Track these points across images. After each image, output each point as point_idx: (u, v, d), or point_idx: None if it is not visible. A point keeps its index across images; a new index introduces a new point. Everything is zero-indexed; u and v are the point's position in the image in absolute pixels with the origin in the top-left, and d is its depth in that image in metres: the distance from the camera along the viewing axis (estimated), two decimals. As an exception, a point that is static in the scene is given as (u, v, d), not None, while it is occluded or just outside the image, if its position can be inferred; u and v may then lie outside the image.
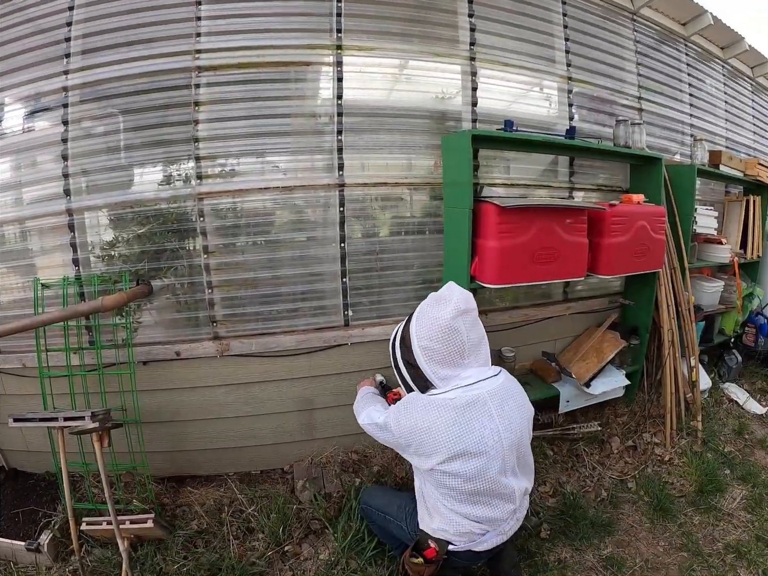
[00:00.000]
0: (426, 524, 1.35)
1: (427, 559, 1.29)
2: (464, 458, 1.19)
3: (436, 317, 1.27)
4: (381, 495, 1.68)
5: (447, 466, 1.20)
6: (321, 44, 1.95)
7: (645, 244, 2.14)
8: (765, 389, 3.02)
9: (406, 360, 1.32)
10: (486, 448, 1.20)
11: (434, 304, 1.32)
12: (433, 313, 1.29)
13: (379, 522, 1.60)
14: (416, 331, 1.30)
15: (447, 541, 1.29)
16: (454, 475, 1.20)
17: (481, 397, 1.24)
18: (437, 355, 1.26)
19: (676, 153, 2.92)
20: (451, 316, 1.25)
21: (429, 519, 1.34)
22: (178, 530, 1.76)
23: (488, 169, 2.19)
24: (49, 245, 1.94)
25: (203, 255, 1.93)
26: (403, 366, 1.34)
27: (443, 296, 1.32)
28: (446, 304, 1.28)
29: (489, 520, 1.26)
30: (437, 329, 1.25)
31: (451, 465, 1.19)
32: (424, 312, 1.32)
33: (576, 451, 2.26)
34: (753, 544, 1.77)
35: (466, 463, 1.19)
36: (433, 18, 2.07)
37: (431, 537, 1.31)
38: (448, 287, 1.36)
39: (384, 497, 1.64)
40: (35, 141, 1.90)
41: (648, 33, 2.78)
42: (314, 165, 1.98)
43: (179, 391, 2.00)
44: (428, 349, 1.27)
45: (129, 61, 1.85)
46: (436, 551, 1.28)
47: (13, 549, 1.68)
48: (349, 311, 2.08)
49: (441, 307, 1.29)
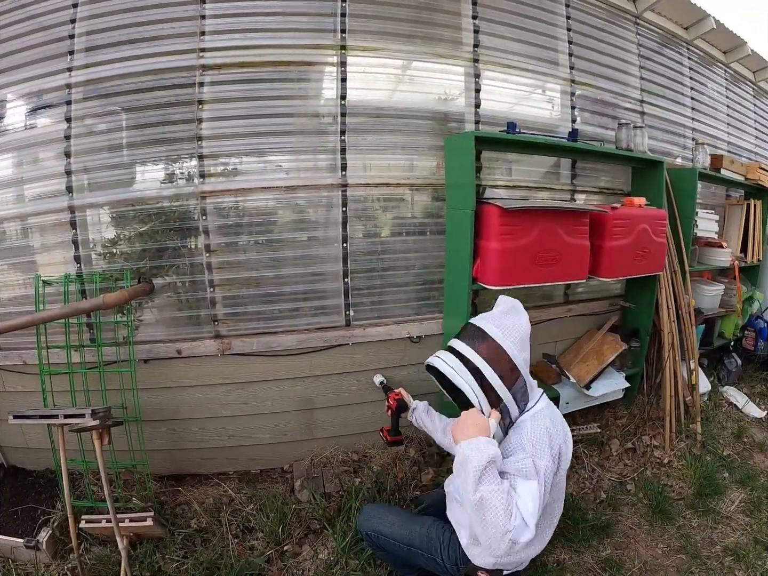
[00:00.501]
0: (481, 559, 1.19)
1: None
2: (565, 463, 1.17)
3: (520, 324, 1.21)
4: (393, 521, 1.42)
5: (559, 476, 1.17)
6: (325, 44, 1.95)
7: (646, 247, 2.15)
8: (764, 393, 3.02)
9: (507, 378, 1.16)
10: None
11: (511, 316, 1.24)
12: (517, 321, 1.22)
13: (395, 551, 1.39)
14: (513, 344, 1.17)
15: (500, 570, 1.19)
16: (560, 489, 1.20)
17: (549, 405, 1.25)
18: (527, 364, 1.21)
19: (678, 156, 2.93)
20: (529, 323, 1.23)
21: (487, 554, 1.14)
22: (178, 529, 1.76)
23: (491, 171, 2.19)
24: (50, 242, 1.94)
25: (205, 253, 1.93)
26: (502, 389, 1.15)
27: (512, 306, 1.27)
28: (521, 312, 1.25)
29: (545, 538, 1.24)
30: (525, 337, 1.20)
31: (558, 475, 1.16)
32: (509, 324, 1.20)
33: (575, 452, 2.25)
34: (751, 547, 1.77)
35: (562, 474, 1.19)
36: (437, 19, 2.07)
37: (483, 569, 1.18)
38: (506, 300, 1.29)
39: (398, 523, 1.40)
40: (38, 138, 1.90)
41: (651, 36, 2.79)
42: (317, 165, 1.98)
43: (180, 389, 2.00)
44: (526, 361, 1.20)
45: (133, 58, 1.85)
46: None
47: (12, 546, 1.67)
48: (351, 311, 2.08)
49: (519, 315, 1.24)
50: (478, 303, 2.25)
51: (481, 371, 1.15)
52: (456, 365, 1.19)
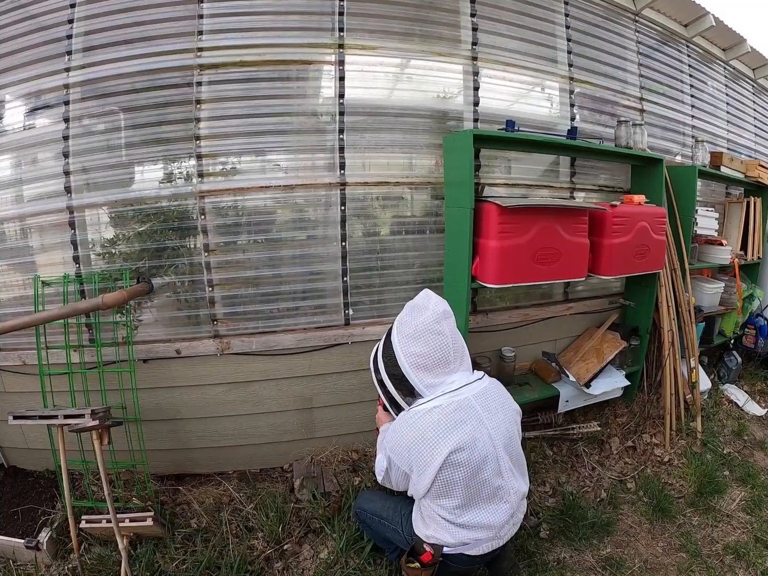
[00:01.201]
0: (420, 531, 1.34)
1: (423, 563, 1.28)
2: (459, 455, 1.18)
3: (418, 322, 1.27)
4: (376, 499, 1.63)
5: (443, 473, 1.19)
6: (323, 43, 1.95)
7: (646, 245, 2.14)
8: (764, 391, 3.02)
9: (391, 373, 1.32)
10: (478, 449, 1.20)
11: (413, 311, 1.33)
12: (414, 318, 1.29)
13: (374, 526, 1.57)
14: (399, 339, 1.30)
15: (441, 545, 1.28)
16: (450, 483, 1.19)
17: (467, 400, 1.24)
18: (423, 360, 1.26)
19: (678, 154, 2.92)
20: (433, 319, 1.26)
21: (423, 526, 1.33)
22: (178, 528, 1.76)
23: (490, 169, 2.19)
24: (49, 242, 1.93)
25: (204, 253, 1.92)
26: (388, 380, 1.33)
27: (420, 303, 1.34)
28: (425, 309, 1.29)
29: (486, 525, 1.26)
30: (421, 332, 1.26)
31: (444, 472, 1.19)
32: (405, 320, 1.33)
33: (576, 451, 2.26)
34: (752, 546, 1.77)
35: (460, 465, 1.19)
36: (436, 17, 2.07)
37: (425, 542, 1.30)
38: (423, 294, 1.38)
39: (378, 501, 1.60)
40: (36, 138, 1.90)
41: (650, 34, 2.78)
42: (315, 164, 1.98)
43: (179, 389, 2.00)
44: (414, 355, 1.26)
45: (131, 58, 1.85)
46: (431, 555, 1.27)
47: (12, 547, 1.67)
48: (350, 310, 2.08)
49: (421, 311, 1.30)
50: (478, 301, 2.25)
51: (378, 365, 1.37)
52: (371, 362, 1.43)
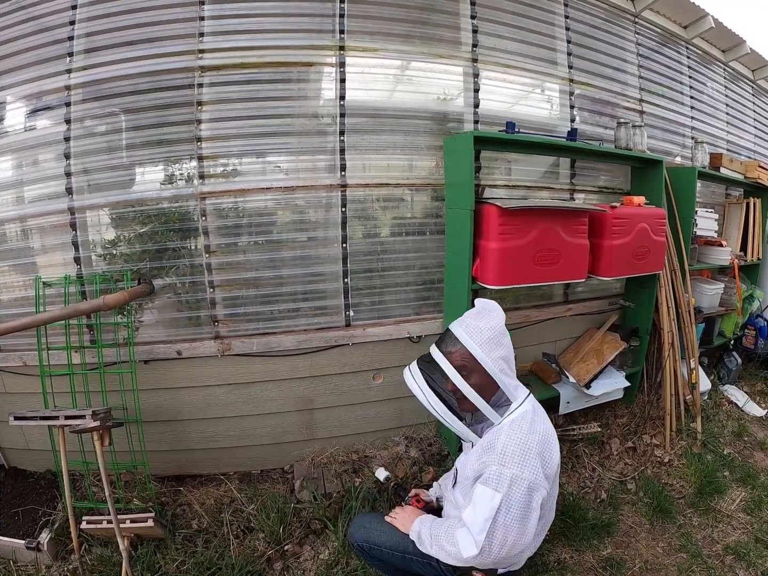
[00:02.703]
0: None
1: None
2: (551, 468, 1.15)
3: (493, 325, 1.18)
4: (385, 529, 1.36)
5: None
6: (324, 45, 1.95)
7: (646, 246, 2.15)
8: (764, 391, 3.02)
9: (477, 385, 1.16)
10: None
11: (481, 317, 1.21)
12: (488, 323, 1.19)
13: (395, 563, 1.34)
14: (480, 347, 1.15)
15: (494, 570, 1.21)
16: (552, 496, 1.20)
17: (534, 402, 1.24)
18: (506, 364, 1.18)
19: (677, 155, 2.92)
20: (503, 319, 1.21)
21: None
22: (179, 529, 1.76)
23: (490, 171, 2.19)
24: (50, 244, 1.94)
25: (205, 254, 1.93)
26: (474, 395, 1.15)
27: (483, 308, 1.26)
28: (492, 311, 1.23)
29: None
30: (499, 335, 1.17)
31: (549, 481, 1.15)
32: (478, 326, 1.18)
33: (576, 452, 2.26)
34: (752, 546, 1.78)
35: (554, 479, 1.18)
36: (436, 19, 2.08)
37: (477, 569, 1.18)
38: (479, 301, 1.30)
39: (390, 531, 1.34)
40: (38, 139, 1.90)
41: (649, 36, 2.79)
42: (316, 165, 1.98)
43: (180, 390, 2.00)
44: (502, 359, 1.16)
45: (132, 60, 1.85)
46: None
47: (13, 548, 1.68)
48: (351, 311, 2.08)
49: (490, 315, 1.22)
50: (478, 303, 2.25)
51: (451, 379, 1.16)
52: (421, 384, 1.22)
